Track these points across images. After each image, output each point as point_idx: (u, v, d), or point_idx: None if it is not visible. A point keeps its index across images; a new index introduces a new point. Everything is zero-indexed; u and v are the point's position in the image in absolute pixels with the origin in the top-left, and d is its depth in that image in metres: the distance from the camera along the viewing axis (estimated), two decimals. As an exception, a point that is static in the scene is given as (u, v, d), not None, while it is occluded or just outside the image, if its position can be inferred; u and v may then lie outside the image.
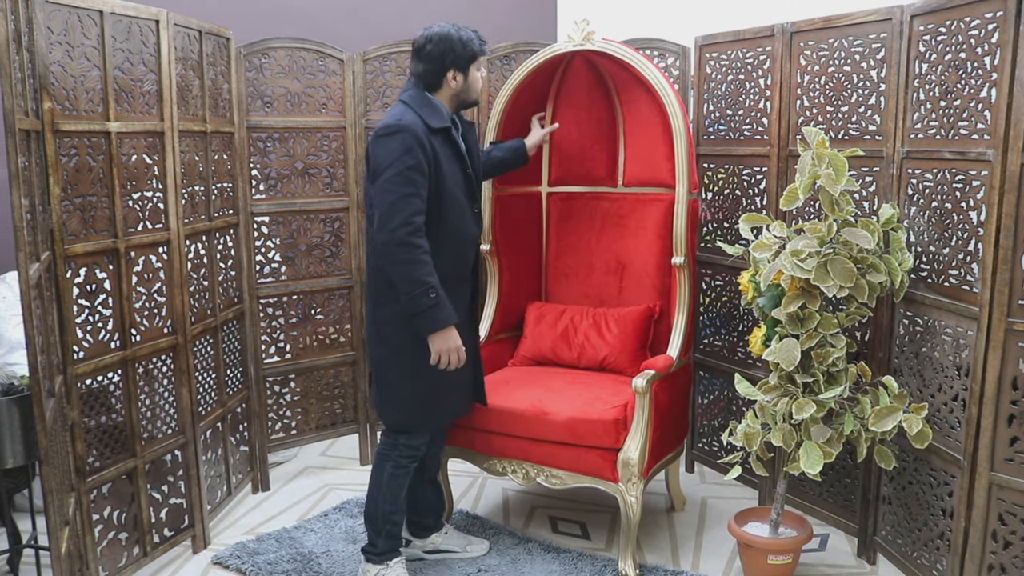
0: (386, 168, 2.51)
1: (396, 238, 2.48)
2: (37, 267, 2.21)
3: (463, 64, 2.69)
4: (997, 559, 2.38)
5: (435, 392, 2.72)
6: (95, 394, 2.71)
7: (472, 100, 2.80)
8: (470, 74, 2.73)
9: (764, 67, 3.21)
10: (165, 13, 2.84)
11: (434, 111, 2.64)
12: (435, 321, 2.53)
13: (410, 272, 2.49)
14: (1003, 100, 2.23)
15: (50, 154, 2.48)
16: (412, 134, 2.52)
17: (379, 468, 2.79)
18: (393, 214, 2.49)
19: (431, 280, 2.50)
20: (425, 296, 2.50)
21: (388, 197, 2.50)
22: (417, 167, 2.52)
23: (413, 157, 2.51)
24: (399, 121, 2.54)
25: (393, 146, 2.52)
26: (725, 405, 3.58)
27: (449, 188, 2.63)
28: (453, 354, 2.59)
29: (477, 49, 2.72)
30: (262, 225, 3.58)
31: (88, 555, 2.66)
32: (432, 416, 2.79)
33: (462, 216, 2.70)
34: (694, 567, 3.00)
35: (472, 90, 2.76)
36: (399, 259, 2.49)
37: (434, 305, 2.51)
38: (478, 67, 2.75)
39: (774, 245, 2.63)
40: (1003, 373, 2.30)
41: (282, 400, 3.76)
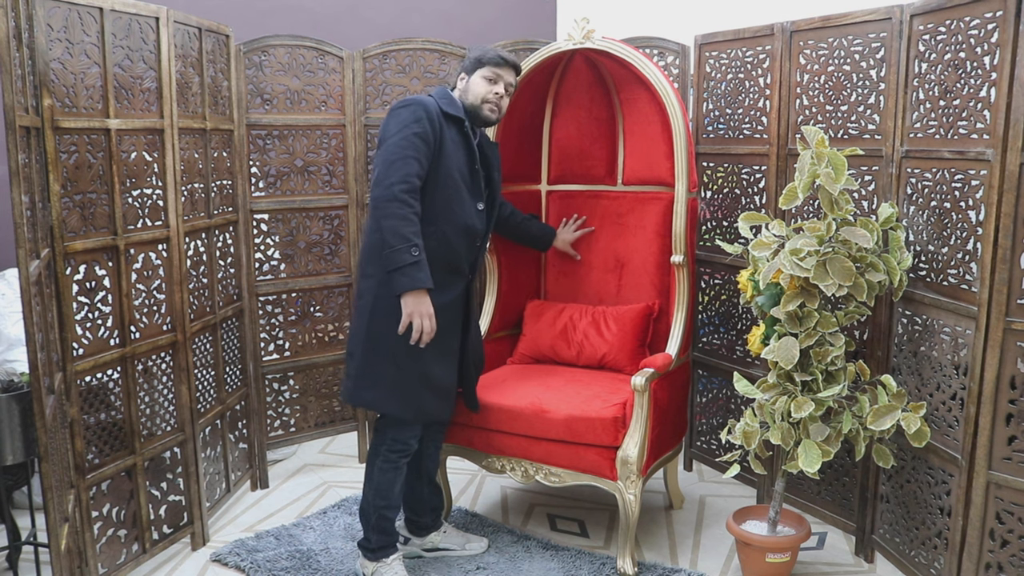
0: (394, 134, 2.59)
1: (390, 193, 2.52)
2: (37, 264, 2.21)
3: (469, 67, 2.80)
4: (995, 557, 2.39)
5: (414, 382, 2.70)
6: (95, 391, 2.72)
7: (470, 103, 2.79)
8: (473, 78, 2.79)
9: (764, 66, 3.22)
10: (165, 10, 2.84)
11: (451, 103, 2.75)
12: (411, 279, 2.51)
13: (397, 227, 2.51)
14: (1002, 100, 2.23)
15: (50, 151, 2.48)
16: (424, 107, 2.63)
17: (370, 463, 2.81)
18: (392, 172, 2.54)
19: (416, 239, 2.51)
20: (408, 252, 2.50)
21: (390, 156, 2.56)
22: (422, 135, 2.59)
23: (420, 126, 2.59)
24: (415, 98, 2.68)
25: (404, 115, 2.61)
26: (724, 403, 3.59)
27: (448, 169, 2.67)
28: (424, 319, 2.56)
29: (486, 56, 2.78)
30: (261, 223, 3.58)
31: (87, 552, 2.66)
32: (408, 405, 2.71)
33: (460, 203, 2.71)
34: (692, 565, 3.01)
35: (470, 92, 2.79)
36: (390, 212, 2.51)
37: (414, 263, 2.51)
38: (487, 76, 2.78)
39: (773, 244, 2.63)
40: (1001, 372, 2.30)
41: (281, 397, 3.77)
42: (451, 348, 2.80)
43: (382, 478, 2.78)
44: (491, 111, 2.80)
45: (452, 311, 2.76)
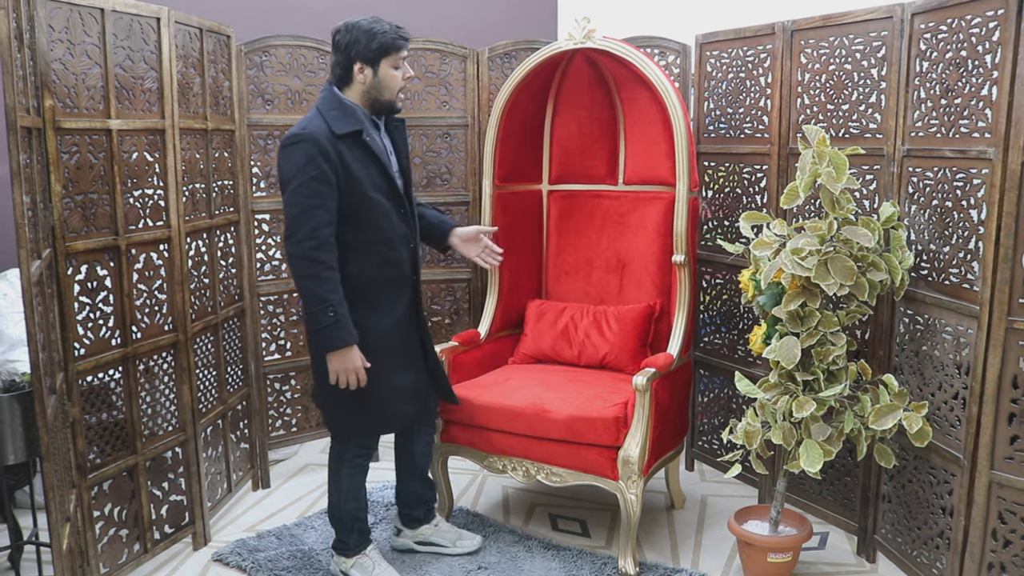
0: (290, 180, 2.48)
1: (299, 251, 2.46)
2: (38, 264, 2.21)
3: (370, 57, 2.55)
4: (997, 557, 2.38)
5: (381, 398, 2.68)
6: (96, 391, 2.72)
7: (385, 100, 2.63)
8: (381, 69, 2.57)
9: (765, 65, 3.21)
10: (166, 11, 2.84)
11: (343, 114, 2.56)
12: (332, 340, 2.49)
13: (310, 288, 2.47)
14: (1004, 98, 2.23)
15: (51, 151, 2.48)
16: (314, 143, 2.46)
17: (335, 471, 2.80)
18: (297, 227, 2.46)
19: (332, 298, 2.46)
20: (324, 314, 2.47)
21: (293, 210, 2.47)
22: (320, 177, 2.46)
23: (315, 167, 2.46)
24: (302, 131, 2.50)
25: (296, 157, 2.47)
26: (725, 403, 3.58)
27: (365, 192, 2.55)
28: (351, 375, 2.54)
29: (388, 42, 2.55)
30: (263, 223, 3.59)
31: (89, 551, 2.67)
32: (383, 421, 2.78)
33: (387, 219, 2.62)
34: (694, 565, 3.00)
35: (384, 88, 2.60)
36: (301, 273, 2.48)
37: (332, 324, 2.47)
38: (394, 63, 2.58)
39: (775, 243, 2.63)
40: (1003, 371, 2.30)
41: (282, 398, 3.77)
42: (411, 353, 2.78)
43: (351, 483, 2.79)
44: (400, 99, 2.68)
45: (405, 318, 2.75)
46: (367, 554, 2.85)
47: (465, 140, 3.91)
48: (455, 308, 4.05)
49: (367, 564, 2.83)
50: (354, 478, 2.79)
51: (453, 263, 3.95)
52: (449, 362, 3.19)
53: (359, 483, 2.81)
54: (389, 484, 3.60)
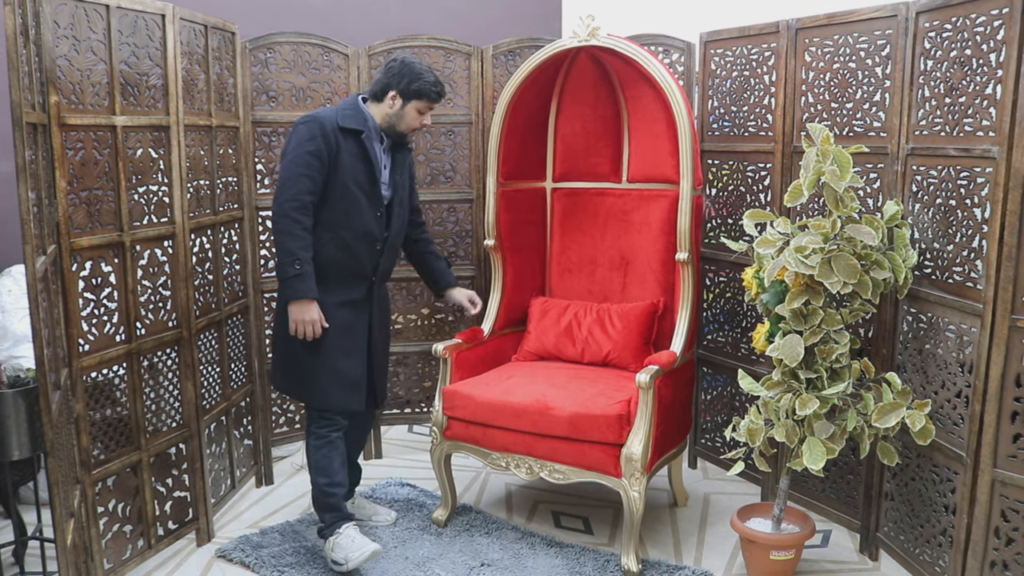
0: (290, 151, 2.77)
1: (282, 211, 2.73)
2: (43, 260, 2.22)
3: (406, 94, 2.86)
4: (1000, 556, 2.38)
5: (321, 375, 2.88)
6: (100, 387, 2.73)
7: (398, 133, 2.92)
8: (408, 107, 2.87)
9: (769, 63, 3.21)
10: (171, 7, 2.85)
11: (355, 115, 2.86)
12: (294, 291, 2.75)
13: (284, 242, 2.73)
14: (1008, 97, 2.23)
15: (56, 147, 2.48)
16: (319, 124, 2.77)
17: (307, 446, 2.98)
18: (284, 189, 2.74)
19: (301, 254, 2.73)
20: (291, 266, 2.73)
21: (284, 175, 2.77)
22: (315, 152, 2.75)
23: (314, 144, 2.75)
24: (314, 114, 2.82)
25: (301, 133, 2.78)
26: (728, 401, 3.59)
27: (344, 181, 2.80)
28: (308, 326, 2.78)
29: (425, 90, 2.86)
30: (267, 219, 3.59)
31: (93, 547, 2.67)
32: (315, 394, 2.92)
33: (358, 211, 2.85)
34: (696, 562, 3.01)
35: (402, 121, 2.89)
36: (280, 228, 2.74)
37: (297, 275, 2.73)
38: (420, 109, 2.89)
39: (778, 241, 2.63)
40: (1006, 370, 2.30)
41: (286, 395, 3.77)
42: (357, 345, 2.95)
43: (317, 455, 2.92)
44: (412, 137, 3.04)
45: (356, 311, 2.94)
46: (342, 532, 2.88)
47: (469, 137, 3.91)
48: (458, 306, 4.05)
49: (344, 541, 2.86)
50: (319, 450, 2.92)
51: (457, 260, 3.96)
52: (452, 359, 3.19)
53: (325, 455, 2.92)
54: (394, 480, 3.61)
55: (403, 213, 3.05)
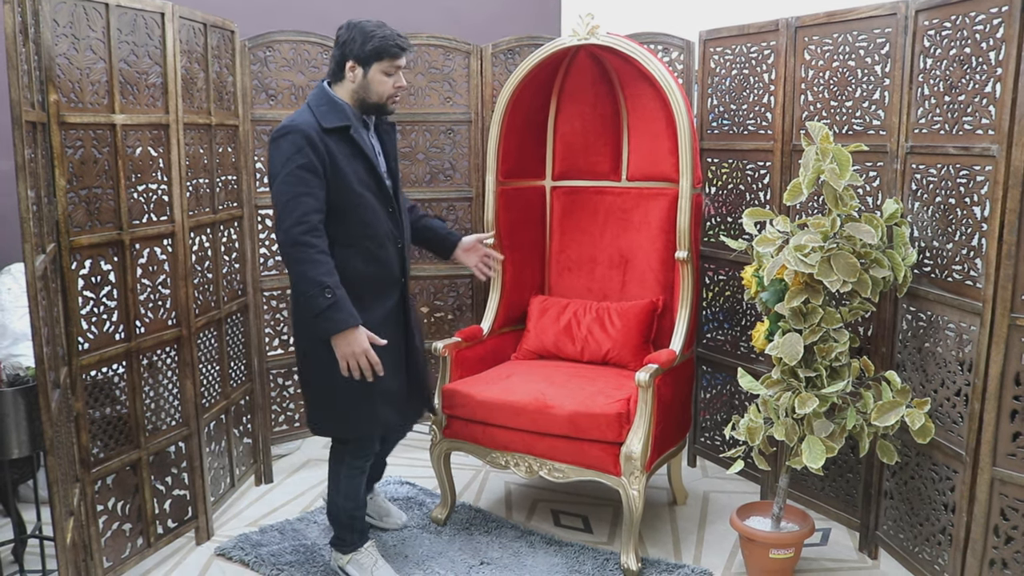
0: (278, 171, 2.49)
1: (290, 238, 2.45)
2: (43, 259, 2.22)
3: (363, 58, 2.55)
4: (999, 554, 2.38)
5: (366, 399, 2.65)
6: (100, 385, 2.73)
7: (372, 103, 2.62)
8: (371, 72, 2.57)
9: (768, 62, 3.21)
10: (170, 6, 2.85)
11: (332, 110, 2.57)
12: (334, 322, 2.46)
13: (305, 272, 2.45)
14: (1007, 95, 2.23)
15: (56, 146, 2.48)
16: (302, 134, 2.48)
17: (334, 471, 2.79)
18: (286, 215, 2.46)
19: (327, 280, 2.44)
20: (321, 296, 2.43)
21: (281, 198, 2.48)
22: (308, 166, 2.47)
23: (304, 156, 2.47)
24: (290, 123, 2.52)
25: (284, 148, 2.49)
26: (728, 399, 3.59)
27: (351, 186, 2.55)
28: (360, 358, 2.51)
29: (382, 46, 2.54)
30: (266, 218, 3.59)
31: (92, 546, 2.67)
32: (366, 424, 2.71)
33: (373, 215, 2.62)
34: (696, 561, 3.01)
35: (371, 91, 2.59)
36: (294, 259, 2.46)
37: (331, 305, 2.44)
38: (386, 69, 2.57)
39: (778, 240, 2.63)
40: (1006, 368, 2.30)
41: (285, 393, 3.77)
42: (396, 357, 2.72)
43: (350, 484, 2.79)
44: (394, 103, 2.65)
45: (392, 320, 2.71)
46: (364, 551, 2.85)
47: (468, 136, 3.91)
48: (458, 304, 4.06)
49: (364, 562, 2.83)
50: (352, 479, 2.78)
51: (456, 259, 3.95)
52: (452, 358, 3.19)
53: (357, 484, 2.79)
54: (393, 479, 3.60)
55: (404, 197, 2.85)
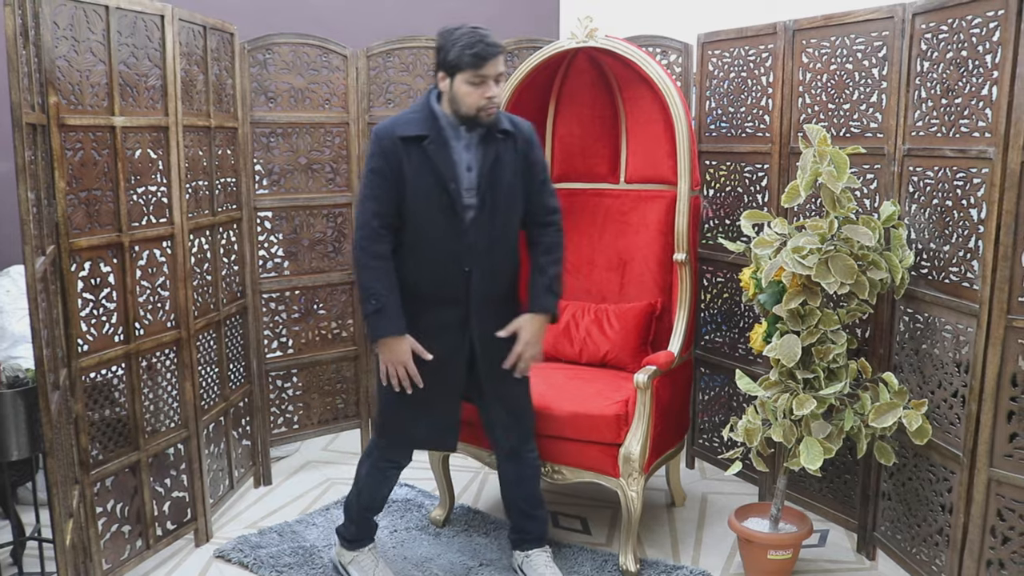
0: (366, 166, 2.57)
1: (355, 242, 2.55)
2: (42, 261, 2.22)
3: (448, 68, 2.48)
4: (996, 555, 2.39)
5: (405, 407, 2.64)
6: (99, 387, 2.73)
7: (464, 115, 2.50)
8: (456, 83, 2.46)
9: (766, 65, 3.22)
10: (170, 8, 2.85)
11: (417, 119, 2.54)
12: (374, 329, 2.51)
13: (360, 279, 2.54)
14: (1004, 98, 2.24)
15: (56, 148, 2.49)
16: (377, 137, 2.52)
17: (362, 463, 2.83)
18: (359, 217, 2.56)
19: (375, 286, 2.49)
20: (367, 302, 2.50)
21: (359, 197, 2.59)
22: (378, 170, 2.51)
23: (376, 160, 2.52)
24: (379, 125, 2.57)
25: (369, 149, 2.56)
26: (726, 401, 3.59)
27: (413, 197, 2.51)
28: (398, 368, 2.51)
29: (459, 58, 2.44)
30: (265, 220, 3.60)
31: (91, 547, 2.67)
32: (402, 432, 2.71)
33: (434, 229, 2.54)
34: (694, 562, 3.01)
35: (460, 102, 2.48)
36: (354, 261, 2.57)
37: (374, 312, 2.48)
38: (470, 81, 2.44)
39: (775, 242, 2.64)
40: (1003, 370, 2.31)
41: (284, 395, 3.78)
42: (450, 377, 2.63)
43: (369, 482, 2.79)
44: (488, 114, 2.49)
45: (450, 341, 2.61)
46: (366, 553, 2.85)
47: (467, 138, 3.91)
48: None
49: (366, 565, 2.83)
50: (372, 478, 2.79)
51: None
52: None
53: (376, 485, 2.80)
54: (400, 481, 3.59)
55: (508, 221, 2.62)
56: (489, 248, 2.58)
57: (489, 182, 2.56)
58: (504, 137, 2.59)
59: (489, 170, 2.55)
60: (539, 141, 2.75)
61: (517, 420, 2.77)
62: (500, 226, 2.60)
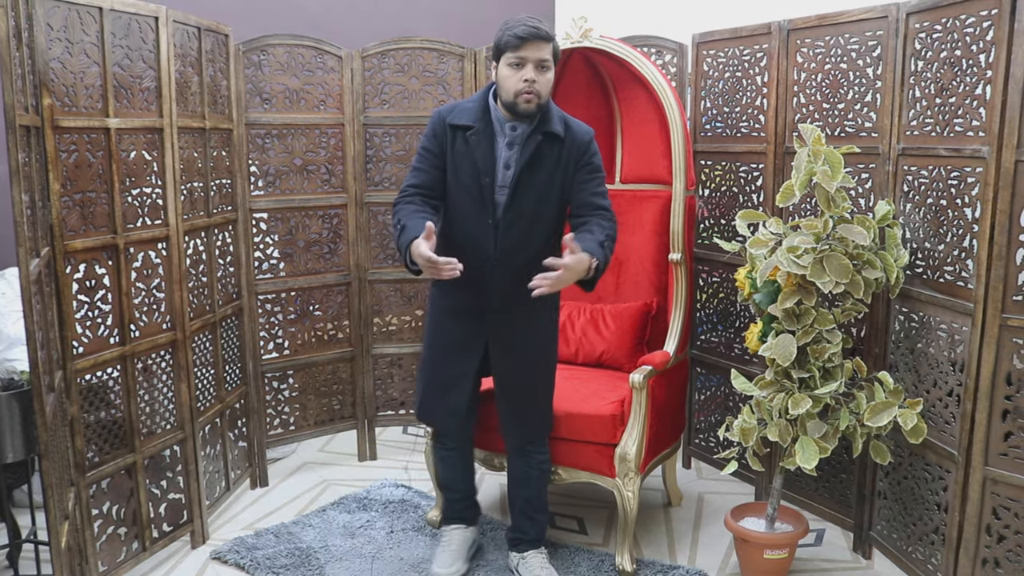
0: None
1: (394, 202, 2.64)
2: (37, 263, 2.22)
3: (496, 53, 2.51)
4: (991, 553, 2.40)
5: (429, 386, 2.82)
6: (94, 389, 2.72)
7: (506, 101, 2.50)
8: (500, 68, 2.49)
9: (761, 64, 3.23)
10: (164, 10, 2.85)
11: (469, 108, 2.58)
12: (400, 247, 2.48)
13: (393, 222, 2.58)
14: (997, 97, 2.24)
15: (50, 150, 2.48)
16: (437, 117, 2.62)
17: None
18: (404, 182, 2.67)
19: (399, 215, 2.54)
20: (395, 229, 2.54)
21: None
22: (427, 146, 2.62)
23: (428, 138, 2.63)
24: (440, 107, 2.68)
25: (427, 127, 2.66)
26: (722, 401, 3.60)
27: (454, 183, 2.59)
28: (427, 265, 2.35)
29: (500, 39, 2.47)
30: (261, 221, 3.59)
31: (87, 550, 2.67)
32: (426, 411, 2.88)
33: (464, 217, 2.59)
34: (691, 562, 3.02)
35: (503, 88, 2.49)
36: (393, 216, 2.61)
37: (398, 234, 2.51)
38: (510, 62, 2.45)
39: (770, 241, 2.64)
40: (997, 368, 2.31)
41: (280, 396, 3.77)
42: (464, 362, 2.72)
43: (436, 460, 3.03)
44: (527, 102, 2.46)
45: (465, 327, 2.69)
46: (449, 531, 2.98)
47: (462, 139, 3.91)
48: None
49: (443, 542, 2.96)
50: (433, 458, 3.05)
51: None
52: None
53: (439, 465, 3.01)
54: (388, 482, 3.61)
55: (536, 224, 2.59)
56: (514, 248, 2.58)
57: (521, 182, 2.54)
58: (551, 140, 2.55)
59: (523, 170, 2.54)
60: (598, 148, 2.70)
61: (521, 420, 2.81)
62: (526, 228, 2.58)
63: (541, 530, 2.92)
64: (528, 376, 2.76)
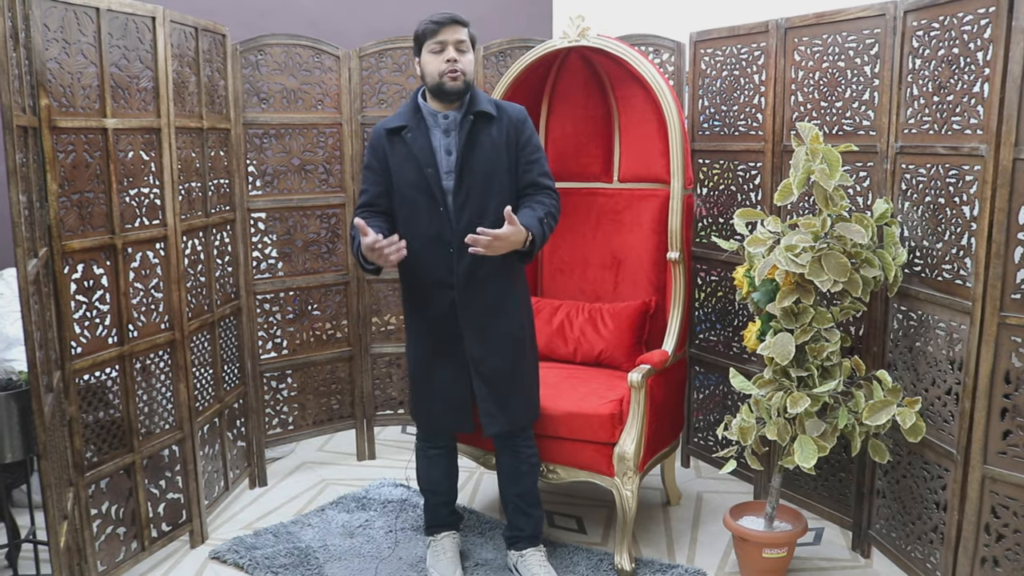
0: None
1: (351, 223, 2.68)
2: (35, 263, 2.22)
3: (416, 46, 2.65)
4: (990, 552, 2.40)
5: (421, 389, 2.82)
6: (93, 389, 2.72)
7: (433, 87, 2.60)
8: (423, 59, 2.62)
9: (758, 63, 3.22)
10: (161, 10, 2.85)
11: (400, 113, 2.71)
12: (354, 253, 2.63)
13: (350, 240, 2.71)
14: (995, 95, 2.24)
15: (47, 151, 2.48)
16: (374, 132, 2.72)
17: None
18: None
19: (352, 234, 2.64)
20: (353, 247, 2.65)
21: None
22: (370, 164, 2.73)
23: (368, 156, 2.74)
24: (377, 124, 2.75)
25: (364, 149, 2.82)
26: (720, 400, 3.60)
27: (399, 187, 2.67)
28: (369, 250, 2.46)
29: (418, 31, 2.62)
30: (259, 221, 3.59)
31: (86, 549, 2.67)
32: (423, 413, 2.86)
33: (417, 214, 2.64)
34: (689, 561, 3.02)
35: (427, 76, 2.61)
36: None
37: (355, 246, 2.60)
38: (431, 49, 2.58)
39: (769, 240, 2.64)
40: (996, 367, 2.31)
41: (279, 396, 3.77)
42: (455, 360, 2.72)
43: (419, 465, 2.98)
44: (452, 79, 2.56)
45: (443, 324, 2.70)
46: (440, 540, 2.97)
47: (460, 138, 3.91)
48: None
49: (438, 550, 2.94)
50: (419, 461, 2.96)
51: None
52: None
53: (423, 466, 2.96)
54: (387, 481, 3.61)
55: (489, 200, 2.63)
56: (470, 227, 2.55)
57: (464, 164, 2.62)
58: (485, 120, 2.65)
59: (463, 151, 2.62)
60: (534, 124, 2.80)
61: (502, 406, 2.75)
62: (478, 208, 2.63)
63: (537, 525, 2.91)
64: (503, 359, 2.74)
